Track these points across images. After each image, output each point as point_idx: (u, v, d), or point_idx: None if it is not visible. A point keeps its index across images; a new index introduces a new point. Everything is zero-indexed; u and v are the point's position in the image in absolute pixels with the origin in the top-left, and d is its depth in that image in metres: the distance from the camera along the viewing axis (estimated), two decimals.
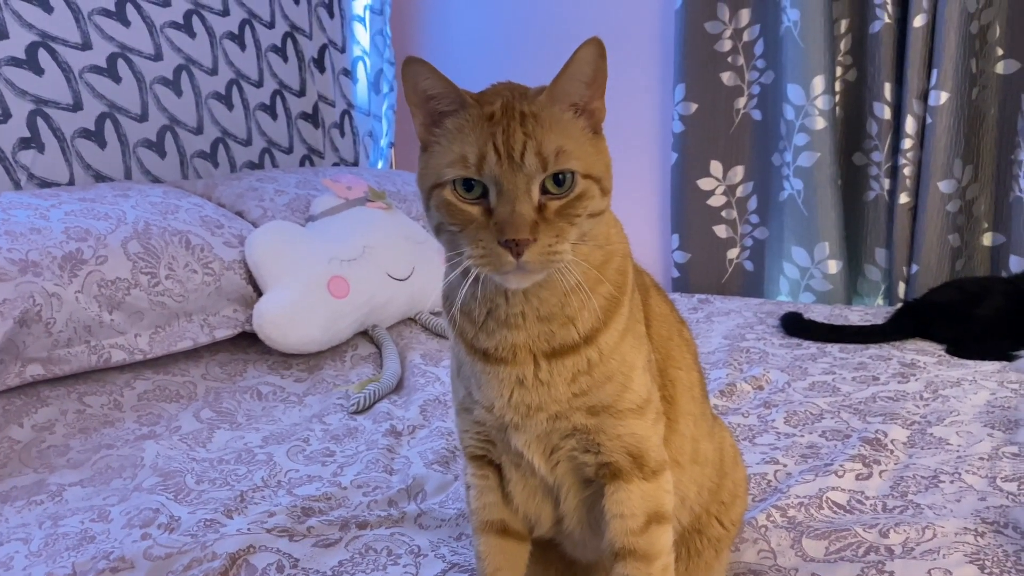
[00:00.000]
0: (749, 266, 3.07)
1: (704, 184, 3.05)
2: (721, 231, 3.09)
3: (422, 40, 3.46)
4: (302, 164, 2.91)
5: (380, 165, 3.28)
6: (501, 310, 0.87)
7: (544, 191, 0.80)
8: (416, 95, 0.83)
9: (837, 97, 2.78)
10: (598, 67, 0.81)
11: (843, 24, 2.77)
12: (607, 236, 0.89)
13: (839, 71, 2.79)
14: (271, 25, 2.80)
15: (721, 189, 3.06)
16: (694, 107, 3.00)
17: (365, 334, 2.15)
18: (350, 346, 2.09)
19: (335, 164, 3.08)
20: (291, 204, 2.30)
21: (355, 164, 3.17)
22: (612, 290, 0.89)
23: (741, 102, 2.97)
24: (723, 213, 3.07)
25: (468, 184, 0.80)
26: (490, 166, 0.79)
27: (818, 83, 2.68)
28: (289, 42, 2.88)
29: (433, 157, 0.83)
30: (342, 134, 3.15)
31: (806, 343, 2.17)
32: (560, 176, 0.80)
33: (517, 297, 0.86)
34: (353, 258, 2.09)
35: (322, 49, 3.06)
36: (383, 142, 3.26)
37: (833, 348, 2.15)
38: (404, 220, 2.39)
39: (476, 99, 0.83)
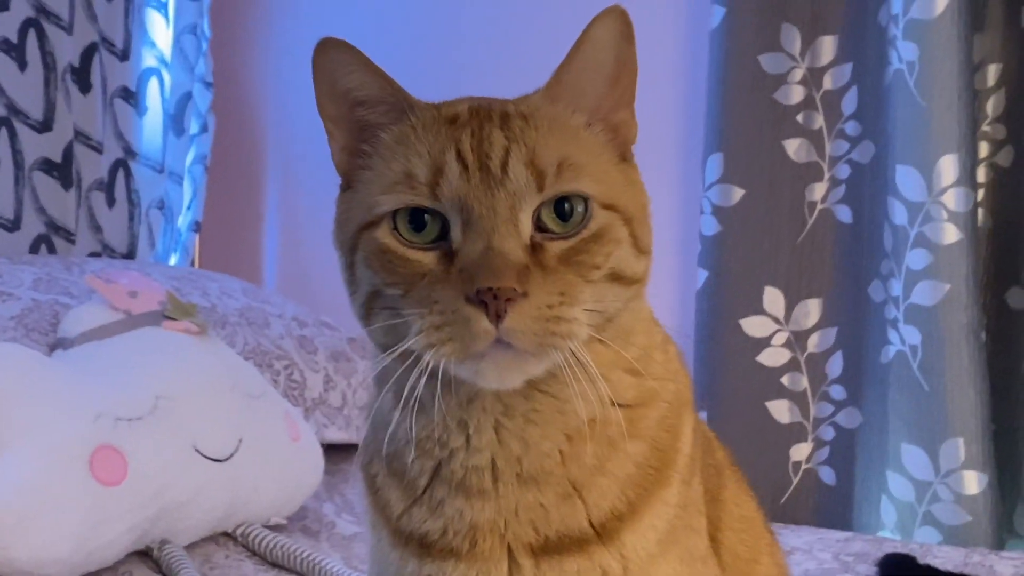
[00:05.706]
0: (828, 476, 2.57)
1: (753, 327, 2.54)
2: (781, 411, 2.57)
3: (267, 44, 2.93)
4: (35, 248, 2.50)
5: (174, 260, 2.85)
6: (457, 460, 0.73)
7: (540, 227, 0.69)
8: (334, 100, 0.74)
9: (981, 192, 2.34)
10: (623, 55, 0.72)
11: (992, 71, 2.33)
12: (644, 353, 0.75)
13: (985, 149, 2.37)
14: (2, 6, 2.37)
15: (782, 338, 2.56)
16: (738, 195, 2.52)
17: (146, 556, 1.83)
18: None
19: (93, 254, 2.64)
20: (25, 317, 2.04)
21: (128, 256, 2.73)
22: (648, 452, 0.74)
23: (818, 191, 2.51)
24: (785, 380, 2.56)
25: (417, 220, 0.69)
26: (451, 183, 0.68)
27: (948, 167, 2.23)
28: (31, 35, 2.43)
29: (360, 191, 0.74)
30: (110, 201, 2.66)
31: None
32: (566, 203, 0.69)
33: (484, 432, 0.72)
34: (137, 416, 1.80)
35: (89, 51, 2.59)
36: (182, 220, 2.78)
37: None
38: (227, 356, 2.08)
39: (430, 104, 0.74)
